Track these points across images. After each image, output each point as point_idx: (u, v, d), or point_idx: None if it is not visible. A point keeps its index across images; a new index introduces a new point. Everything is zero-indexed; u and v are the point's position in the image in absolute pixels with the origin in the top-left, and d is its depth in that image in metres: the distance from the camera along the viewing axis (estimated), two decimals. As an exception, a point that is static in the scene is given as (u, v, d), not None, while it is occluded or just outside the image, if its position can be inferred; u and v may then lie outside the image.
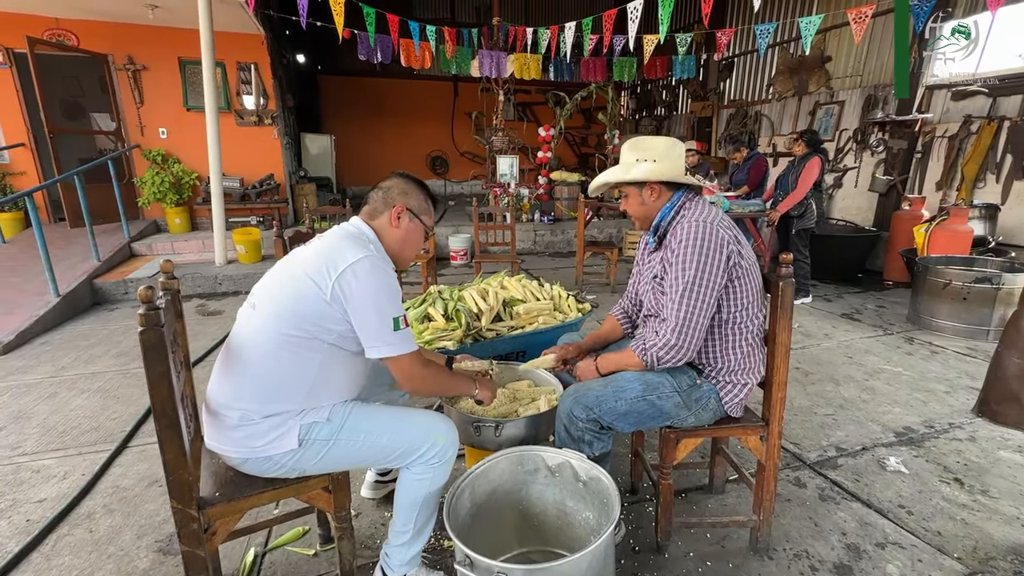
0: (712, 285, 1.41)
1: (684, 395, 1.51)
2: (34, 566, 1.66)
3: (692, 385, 1.52)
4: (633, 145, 1.57)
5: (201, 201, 6.48)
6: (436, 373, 1.47)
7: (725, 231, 1.45)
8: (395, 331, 1.29)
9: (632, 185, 1.57)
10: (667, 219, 1.53)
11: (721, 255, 1.41)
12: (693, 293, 1.40)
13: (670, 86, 10.12)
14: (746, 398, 1.56)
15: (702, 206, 1.52)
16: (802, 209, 4.23)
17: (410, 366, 1.34)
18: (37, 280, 4.32)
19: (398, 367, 1.34)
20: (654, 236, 1.59)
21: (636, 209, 1.59)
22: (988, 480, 2.06)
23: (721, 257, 1.41)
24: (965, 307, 3.62)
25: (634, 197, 1.58)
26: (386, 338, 1.28)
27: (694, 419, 1.54)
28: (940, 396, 2.78)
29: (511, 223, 4.49)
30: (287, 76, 7.85)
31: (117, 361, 3.33)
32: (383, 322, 1.27)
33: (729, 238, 1.44)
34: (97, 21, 5.97)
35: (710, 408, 1.53)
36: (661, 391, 1.49)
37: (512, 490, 1.47)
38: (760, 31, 4.83)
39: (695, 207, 1.51)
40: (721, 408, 1.55)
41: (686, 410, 1.52)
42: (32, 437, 2.42)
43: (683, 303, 1.41)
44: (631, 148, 1.57)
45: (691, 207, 1.51)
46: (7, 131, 6.04)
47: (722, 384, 1.53)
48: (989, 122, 4.69)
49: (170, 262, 1.48)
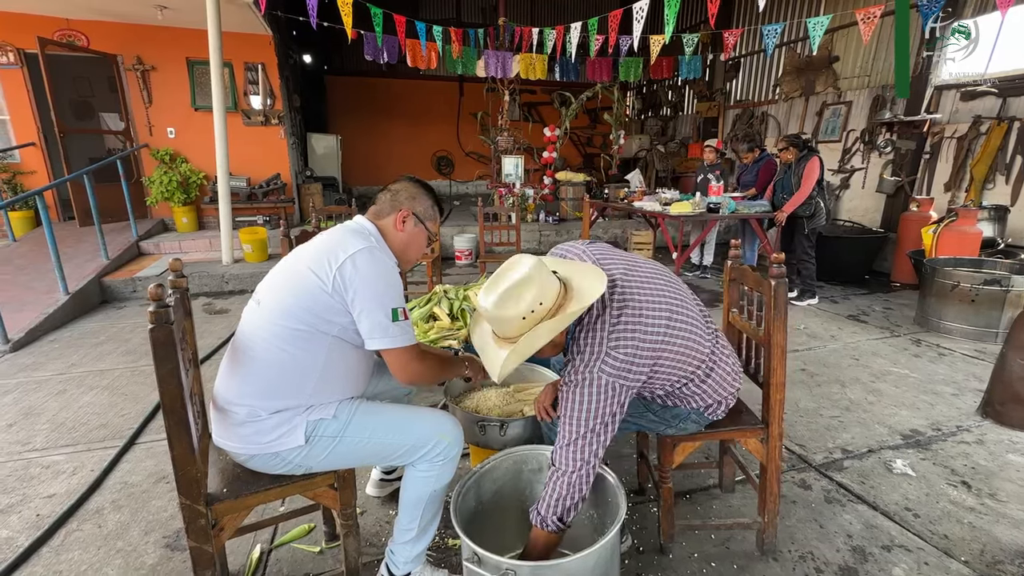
0: (604, 429, 1.24)
1: (658, 414, 1.48)
2: (44, 561, 1.68)
3: (664, 407, 1.48)
4: (503, 300, 1.18)
5: (208, 200, 6.52)
6: (431, 366, 1.44)
7: (611, 365, 1.19)
8: (394, 322, 1.28)
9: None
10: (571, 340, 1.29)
11: (610, 402, 1.22)
12: (578, 439, 1.23)
13: (676, 86, 10.08)
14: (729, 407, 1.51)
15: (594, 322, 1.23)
16: (812, 209, 4.22)
17: (407, 360, 1.34)
18: (47, 278, 4.37)
19: (394, 359, 1.33)
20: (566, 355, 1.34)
21: (554, 350, 1.33)
22: (996, 483, 2.04)
23: (610, 404, 1.22)
24: (973, 309, 3.59)
25: (548, 350, 1.30)
26: (385, 329, 1.28)
27: (676, 431, 1.51)
28: (948, 399, 2.76)
29: (516, 223, 4.50)
30: (294, 76, 7.90)
31: (125, 359, 3.36)
32: (382, 312, 1.27)
33: (616, 373, 1.20)
34: (107, 22, 6.03)
35: (692, 421, 1.49)
36: (634, 410, 1.48)
37: (517, 489, 1.48)
38: (767, 31, 4.81)
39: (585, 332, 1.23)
40: (705, 418, 1.50)
41: (664, 425, 1.50)
42: (42, 433, 2.45)
43: (567, 450, 1.24)
44: (502, 304, 1.18)
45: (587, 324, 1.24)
46: (18, 131, 6.11)
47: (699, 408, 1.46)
48: (999, 122, 4.64)
49: (179, 260, 1.49)
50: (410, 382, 1.41)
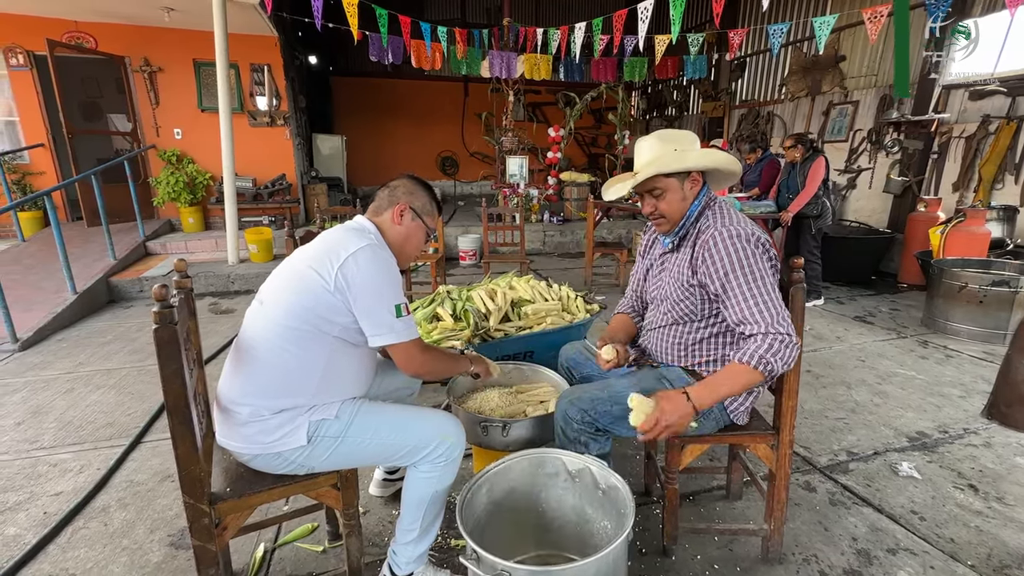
0: (775, 282, 1.37)
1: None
2: (51, 558, 1.70)
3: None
4: (662, 137, 1.46)
5: (214, 201, 6.56)
6: (436, 357, 1.50)
7: (760, 233, 1.40)
8: (397, 318, 1.31)
9: (674, 177, 1.43)
10: (693, 217, 1.46)
11: (767, 259, 1.37)
12: (765, 291, 1.33)
13: (681, 86, 10.05)
14: (752, 405, 1.54)
15: (725, 208, 1.46)
16: (819, 209, 4.20)
17: (413, 352, 1.37)
18: (55, 278, 4.41)
19: (400, 353, 1.37)
20: (675, 236, 1.50)
21: (675, 206, 1.45)
22: (1004, 487, 2.02)
23: (769, 261, 1.38)
24: (982, 311, 3.55)
25: (675, 192, 1.43)
26: (389, 324, 1.30)
27: (695, 427, 1.50)
28: (955, 401, 2.73)
29: (520, 224, 4.49)
30: (299, 77, 7.93)
31: (132, 358, 3.39)
32: (385, 309, 1.30)
33: (765, 239, 1.40)
34: (115, 24, 6.08)
35: (712, 417, 1.49)
36: None
37: (531, 491, 1.46)
38: (773, 31, 4.79)
39: (720, 209, 1.45)
40: (726, 416, 1.51)
41: None
42: (50, 432, 2.48)
43: (766, 301, 1.32)
44: (663, 140, 1.45)
45: (716, 208, 1.46)
46: (27, 132, 6.18)
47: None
48: (1008, 122, 4.60)
49: (183, 261, 1.50)
50: (416, 374, 1.44)
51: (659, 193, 1.45)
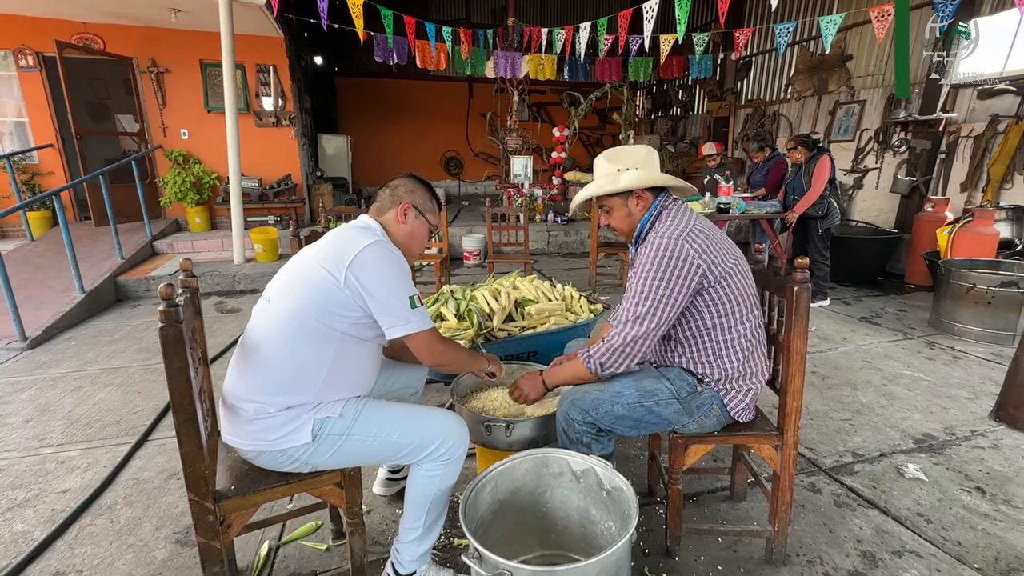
0: (671, 300, 1.38)
1: (684, 402, 1.48)
2: (58, 554, 1.71)
3: (692, 392, 1.49)
4: (610, 156, 1.54)
5: (221, 201, 6.60)
6: (454, 347, 1.52)
7: (693, 244, 1.39)
8: (412, 309, 1.33)
9: (616, 197, 1.51)
10: (647, 227, 1.50)
11: (684, 271, 1.37)
12: (648, 303, 1.38)
13: (686, 86, 10.02)
14: (753, 402, 1.53)
15: (677, 215, 1.47)
16: (825, 209, 4.18)
17: (430, 341, 1.39)
18: (63, 277, 4.45)
19: (419, 343, 1.38)
20: (635, 244, 1.56)
21: (622, 221, 1.54)
22: (1011, 489, 2.01)
23: (684, 273, 1.37)
24: (990, 311, 3.52)
25: (619, 209, 1.53)
26: (405, 316, 1.32)
27: (697, 426, 1.51)
28: (962, 402, 2.71)
29: (524, 224, 4.49)
30: (305, 78, 7.96)
31: (139, 356, 3.41)
32: (400, 302, 1.32)
33: (696, 251, 1.38)
34: (123, 25, 6.13)
35: (713, 415, 1.50)
36: (659, 397, 1.48)
37: (535, 491, 1.46)
38: (779, 30, 4.76)
39: (671, 216, 1.47)
40: (727, 414, 1.51)
41: (687, 417, 1.49)
42: (57, 429, 2.50)
43: (635, 310, 1.40)
44: (609, 159, 1.53)
45: (667, 215, 1.48)
46: (37, 132, 6.23)
47: (724, 391, 1.50)
48: (1017, 121, 4.55)
49: (189, 260, 1.52)
50: (436, 365, 1.46)
51: (608, 209, 1.57)
